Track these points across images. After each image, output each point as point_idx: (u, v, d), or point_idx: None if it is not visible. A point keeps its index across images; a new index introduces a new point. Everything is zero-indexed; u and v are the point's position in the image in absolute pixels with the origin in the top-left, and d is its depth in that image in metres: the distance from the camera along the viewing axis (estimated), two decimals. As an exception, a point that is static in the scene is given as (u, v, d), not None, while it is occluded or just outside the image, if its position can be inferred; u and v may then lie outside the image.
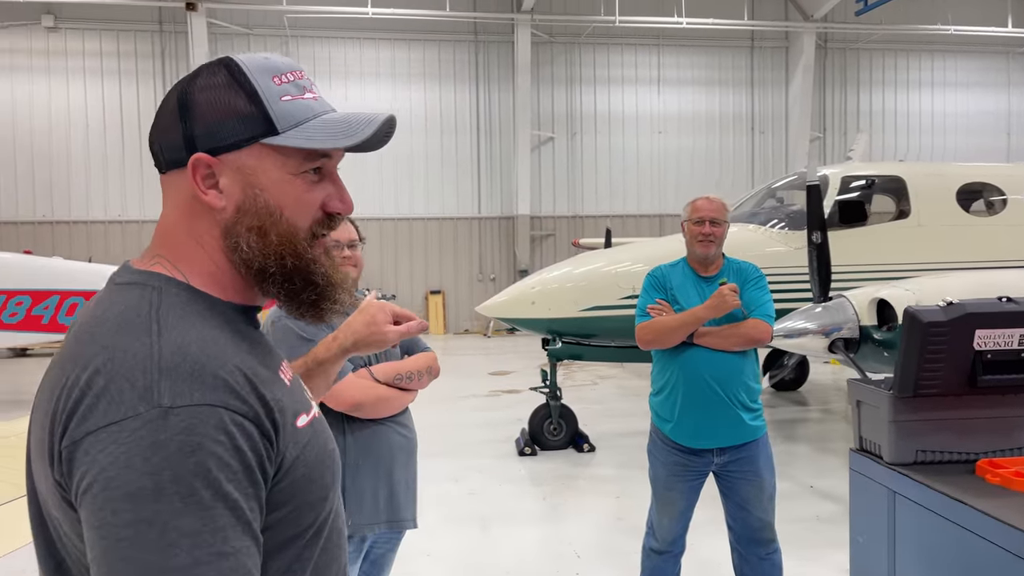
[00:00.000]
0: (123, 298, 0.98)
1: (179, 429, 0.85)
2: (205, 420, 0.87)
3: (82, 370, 0.90)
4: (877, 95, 19.40)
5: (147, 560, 0.82)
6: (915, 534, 2.22)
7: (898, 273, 6.71)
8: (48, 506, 0.94)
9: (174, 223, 1.03)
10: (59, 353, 0.98)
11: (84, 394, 0.88)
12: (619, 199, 18.25)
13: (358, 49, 17.25)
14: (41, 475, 0.94)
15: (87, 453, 0.85)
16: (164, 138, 1.02)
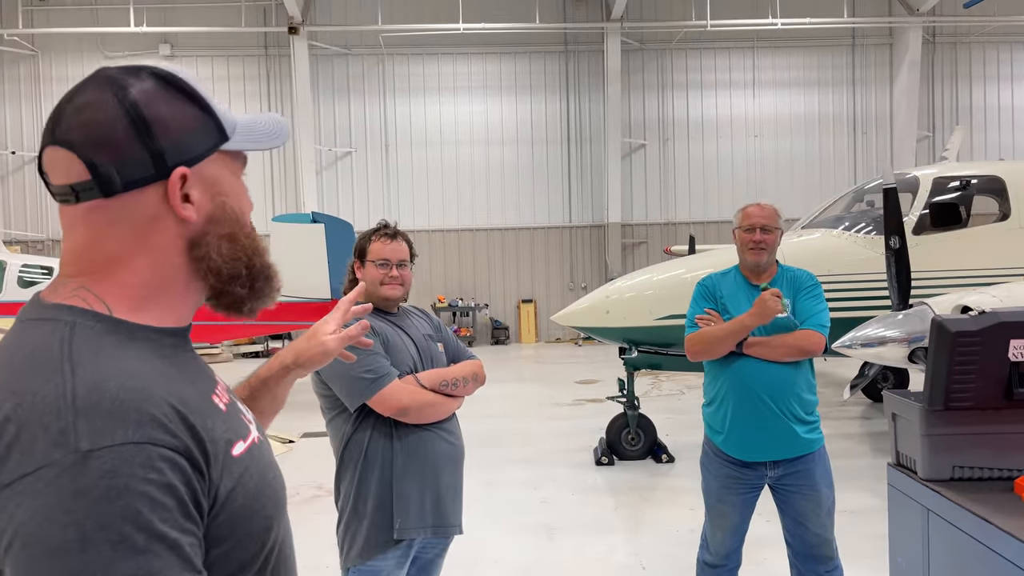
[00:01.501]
0: (31, 337, 0.92)
1: (101, 472, 0.80)
2: (130, 459, 0.82)
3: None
4: (992, 90, 18.28)
5: None
6: (947, 555, 2.13)
7: (998, 278, 6.35)
8: None
9: (117, 247, 0.96)
10: None
11: None
12: (714, 205, 17.91)
13: (451, 64, 17.66)
14: None
15: (3, 509, 0.80)
16: (119, 157, 0.94)
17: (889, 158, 17.91)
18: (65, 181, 0.95)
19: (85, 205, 0.96)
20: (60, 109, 0.97)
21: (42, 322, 0.93)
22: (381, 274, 2.91)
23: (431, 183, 17.67)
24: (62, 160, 0.95)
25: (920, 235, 6.77)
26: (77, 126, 0.94)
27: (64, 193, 0.96)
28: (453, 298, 17.49)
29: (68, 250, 0.99)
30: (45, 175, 0.98)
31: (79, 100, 0.96)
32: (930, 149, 17.89)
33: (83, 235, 0.97)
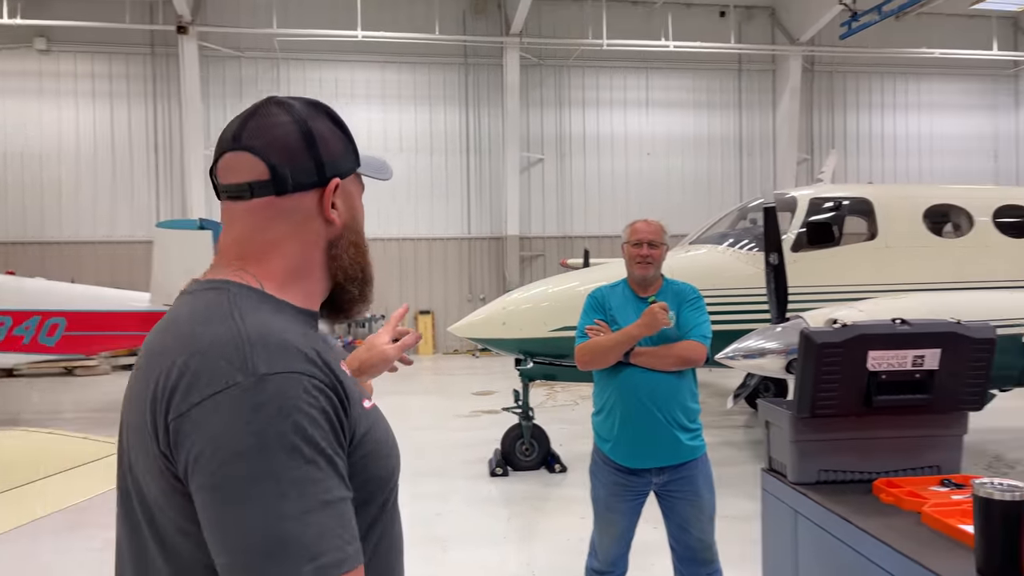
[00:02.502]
0: (201, 298, 1.12)
1: (275, 392, 0.97)
2: (296, 384, 0.99)
3: (178, 355, 1.02)
4: (864, 117, 19.54)
5: (261, 510, 0.92)
6: (814, 554, 2.26)
7: (866, 293, 6.76)
8: (147, 491, 1.04)
9: (275, 238, 1.16)
10: (144, 354, 1.10)
11: (183, 373, 0.99)
12: (608, 220, 18.33)
13: (349, 72, 17.43)
14: (140, 457, 1.04)
15: (195, 423, 0.96)
16: (295, 164, 1.16)
17: (772, 179, 18.84)
18: (245, 179, 1.15)
19: (256, 201, 1.15)
20: (241, 124, 1.17)
21: (209, 289, 1.12)
22: None
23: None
24: (245, 162, 1.15)
25: (798, 252, 7.15)
26: (260, 135, 1.15)
27: (240, 189, 1.15)
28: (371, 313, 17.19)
29: (231, 239, 1.18)
30: (216, 177, 1.19)
31: (261, 118, 1.17)
32: (808, 171, 18.93)
33: (247, 226, 1.17)
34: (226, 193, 1.17)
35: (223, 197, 1.18)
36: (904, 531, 1.96)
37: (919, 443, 2.34)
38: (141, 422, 1.03)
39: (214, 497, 0.94)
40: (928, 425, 2.34)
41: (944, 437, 2.36)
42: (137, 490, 1.06)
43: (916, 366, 2.26)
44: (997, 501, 1.59)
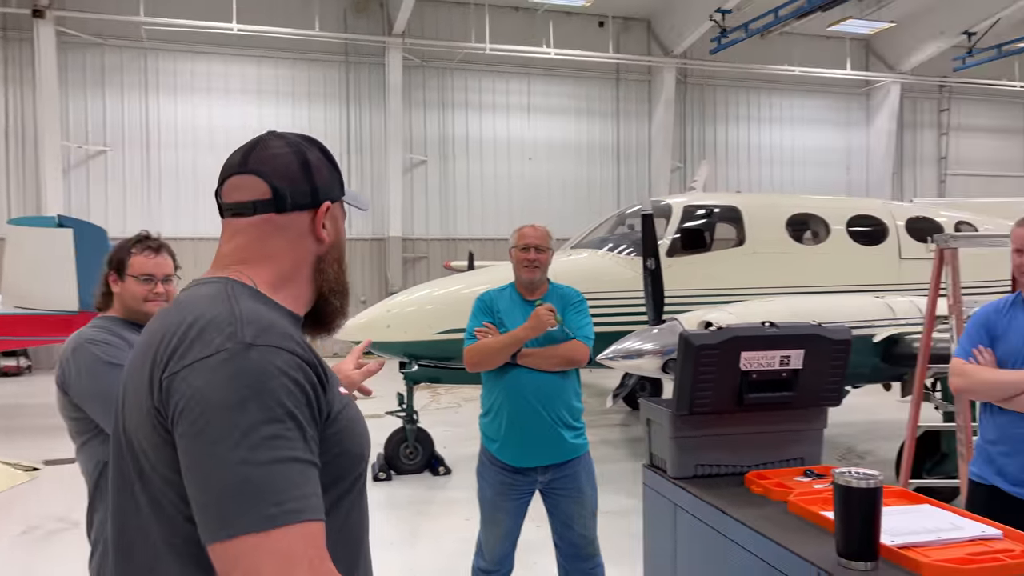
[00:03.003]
0: (202, 289, 1.29)
1: (258, 360, 1.11)
2: (277, 356, 1.13)
3: (178, 325, 1.17)
4: (732, 128, 20.59)
5: (234, 455, 1.04)
6: (691, 544, 2.38)
7: (735, 297, 7.14)
8: (138, 447, 1.17)
9: (272, 250, 1.34)
10: (147, 331, 1.27)
11: (182, 341, 1.15)
12: (492, 222, 18.48)
13: (223, 65, 16.76)
14: (134, 415, 1.18)
15: (184, 381, 1.11)
16: (294, 186, 1.35)
17: (647, 186, 19.55)
18: (249, 198, 1.34)
19: (258, 217, 1.34)
20: (247, 152, 1.37)
21: (209, 283, 1.30)
22: (145, 290, 2.72)
23: (200, 188, 16.58)
24: (250, 183, 1.34)
25: (672, 257, 7.46)
26: (265, 162, 1.35)
27: (244, 207, 1.34)
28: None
29: (231, 248, 1.35)
30: (221, 197, 1.37)
31: (263, 148, 1.37)
32: (681, 179, 19.76)
33: (248, 238, 1.34)
34: (231, 210, 1.35)
35: (227, 214, 1.36)
36: (773, 519, 2.10)
37: (785, 437, 2.51)
38: (139, 384, 1.18)
39: (194, 443, 1.07)
40: (793, 420, 2.52)
41: (807, 431, 2.55)
42: (130, 449, 1.20)
43: (783, 366, 2.43)
44: (855, 488, 1.73)
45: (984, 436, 3.08)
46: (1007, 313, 3.10)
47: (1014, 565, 1.69)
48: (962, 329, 4.23)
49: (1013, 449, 2.93)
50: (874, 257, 7.99)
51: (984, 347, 3.06)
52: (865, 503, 1.74)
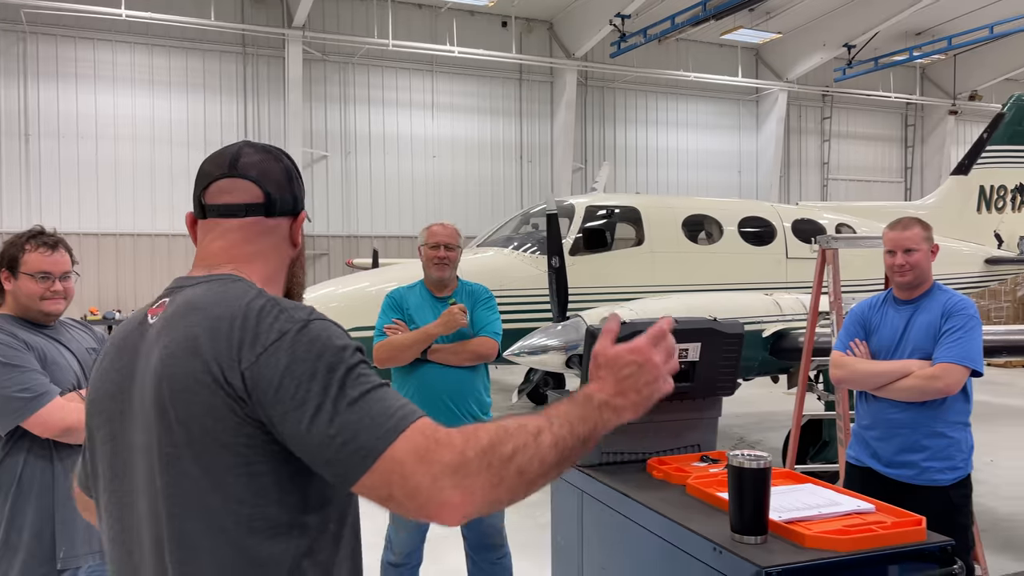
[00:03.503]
0: (216, 285, 1.37)
1: (319, 328, 1.26)
2: (328, 324, 1.28)
3: (222, 325, 1.27)
4: (631, 131, 21.16)
5: (342, 403, 1.20)
6: (596, 528, 2.50)
7: (635, 294, 7.39)
8: (195, 431, 1.25)
9: (259, 250, 1.45)
10: (169, 335, 1.32)
11: (243, 332, 1.25)
12: (394, 220, 18.37)
13: (110, 53, 15.98)
14: (186, 408, 1.25)
15: (267, 366, 1.22)
16: (282, 195, 1.47)
17: (550, 185, 19.86)
18: (242, 200, 1.45)
19: (248, 219, 1.45)
20: (233, 159, 1.46)
21: (218, 280, 1.39)
22: (42, 288, 2.63)
23: (83, 181, 15.77)
24: (243, 187, 1.45)
25: (575, 256, 7.65)
26: (255, 168, 1.46)
27: (235, 209, 1.44)
28: (109, 310, 15.79)
29: (220, 247, 1.45)
30: (205, 197, 1.46)
31: (249, 156, 1.47)
32: (583, 179, 20.19)
33: (237, 238, 1.45)
34: (219, 211, 1.45)
35: (212, 214, 1.45)
36: (672, 501, 2.24)
37: (683, 425, 2.67)
38: (191, 384, 1.25)
39: (303, 410, 1.19)
40: (690, 409, 2.68)
41: (703, 419, 2.71)
42: (172, 433, 1.27)
43: (681, 358, 2.58)
44: (747, 469, 1.88)
45: (860, 422, 3.35)
46: (880, 309, 3.38)
47: (884, 535, 1.87)
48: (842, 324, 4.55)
49: (886, 433, 3.20)
50: (763, 256, 8.42)
51: (860, 340, 3.32)
52: (756, 483, 1.88)
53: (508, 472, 1.17)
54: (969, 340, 3.06)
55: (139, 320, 1.42)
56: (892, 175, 25.16)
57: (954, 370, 3.03)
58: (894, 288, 3.35)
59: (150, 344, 1.34)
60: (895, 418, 3.17)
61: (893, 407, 3.18)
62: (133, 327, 1.42)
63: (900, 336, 3.24)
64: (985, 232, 10.99)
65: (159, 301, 1.42)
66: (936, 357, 3.09)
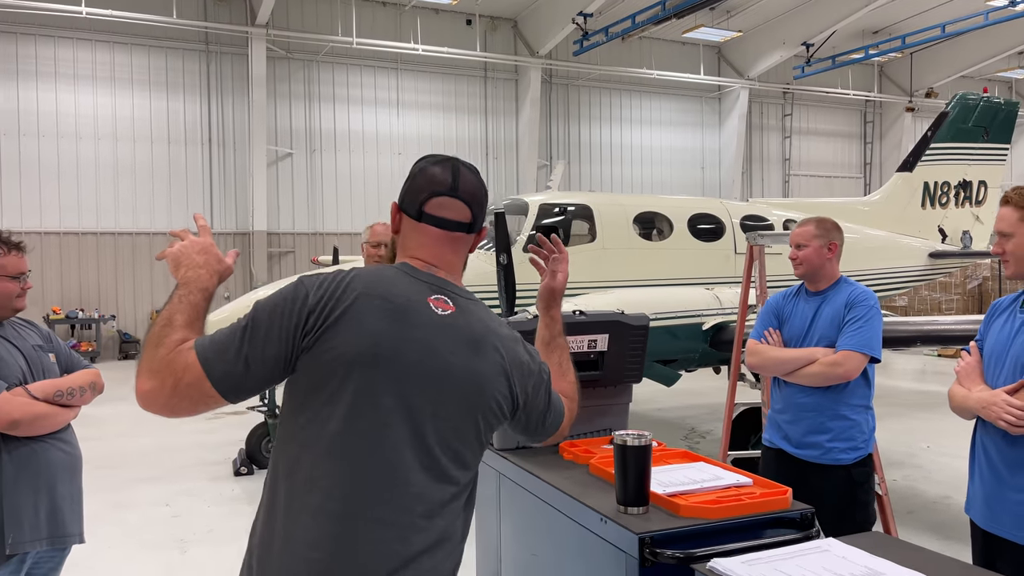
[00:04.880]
0: (481, 307, 1.86)
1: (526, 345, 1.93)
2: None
3: (514, 337, 1.87)
4: (596, 128, 21.42)
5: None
6: (510, 507, 2.69)
7: (587, 290, 7.60)
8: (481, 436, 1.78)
9: (459, 262, 1.85)
10: (491, 353, 1.77)
11: (526, 356, 1.87)
12: (359, 217, 18.41)
13: (70, 50, 15.89)
14: (486, 415, 1.75)
15: (527, 375, 1.87)
16: (480, 217, 1.83)
17: (515, 182, 20.06)
18: (454, 218, 1.79)
19: (458, 234, 1.81)
20: (453, 176, 1.81)
21: (478, 301, 1.87)
22: (17, 287, 2.79)
23: (44, 179, 15.67)
24: (458, 207, 1.80)
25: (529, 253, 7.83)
26: (469, 191, 1.80)
27: (445, 223, 1.79)
28: (72, 309, 15.72)
29: (436, 252, 1.80)
30: (424, 207, 1.79)
31: (466, 178, 1.82)
32: (548, 176, 20.40)
33: (451, 250, 1.82)
34: (435, 221, 1.79)
35: (427, 221, 1.79)
36: (575, 479, 2.44)
37: (595, 411, 2.86)
38: (496, 388, 1.74)
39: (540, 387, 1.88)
40: (601, 396, 2.87)
41: (613, 405, 2.91)
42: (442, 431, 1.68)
43: (591, 348, 2.78)
44: (629, 446, 2.08)
45: (773, 406, 3.58)
46: (792, 300, 3.62)
47: (750, 504, 2.08)
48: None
49: (795, 417, 3.44)
50: (713, 252, 8.67)
51: (773, 329, 3.56)
52: (637, 458, 2.08)
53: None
54: (869, 329, 3.30)
55: (417, 302, 1.70)
56: (852, 171, 25.70)
57: (854, 357, 3.27)
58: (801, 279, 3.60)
59: (457, 343, 1.70)
60: (803, 402, 3.40)
61: (801, 392, 3.42)
62: (411, 310, 1.68)
63: (809, 325, 3.48)
64: (930, 227, 11.37)
65: (437, 296, 1.73)
66: (838, 345, 3.33)
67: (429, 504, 1.64)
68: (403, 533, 1.60)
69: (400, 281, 1.71)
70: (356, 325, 1.62)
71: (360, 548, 1.58)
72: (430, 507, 1.64)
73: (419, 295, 1.70)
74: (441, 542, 1.65)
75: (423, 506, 1.63)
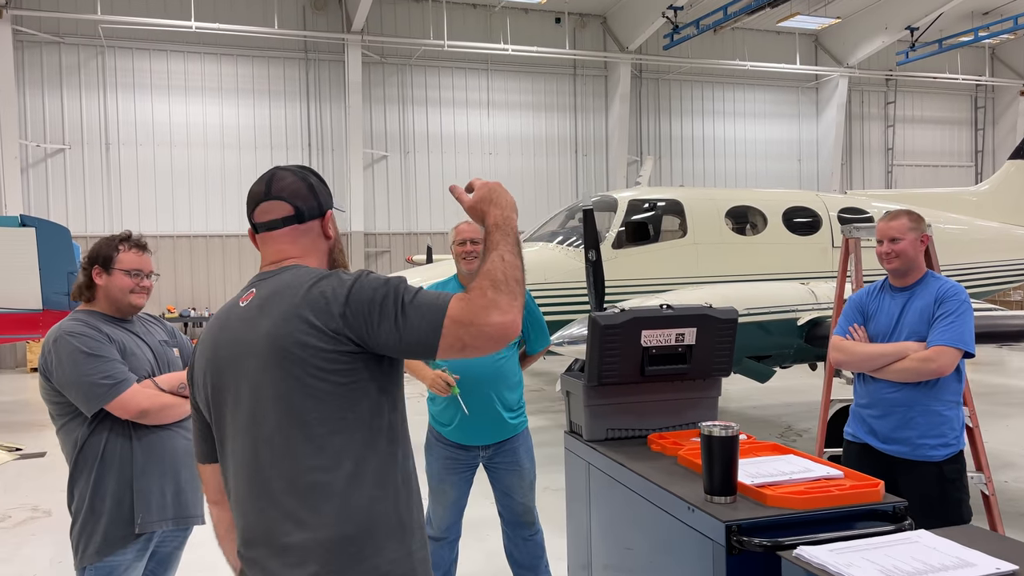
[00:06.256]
0: (290, 271, 1.85)
1: (375, 276, 1.75)
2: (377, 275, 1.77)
3: (314, 287, 1.74)
4: (687, 122, 21.10)
5: (409, 295, 1.69)
6: (601, 496, 2.76)
7: (678, 286, 7.57)
8: (307, 378, 1.70)
9: (301, 250, 1.91)
10: (261, 299, 1.81)
11: (331, 293, 1.71)
12: (452, 217, 18.72)
13: (182, 63, 16.82)
14: (290, 354, 1.71)
15: (355, 301, 1.70)
16: (306, 204, 1.92)
17: (605, 178, 20.00)
18: (279, 215, 1.90)
19: (287, 228, 1.90)
20: (267, 184, 1.92)
21: (293, 268, 1.86)
22: (133, 283, 3.02)
23: (159, 185, 16.67)
24: (276, 206, 1.90)
25: (619, 249, 7.86)
26: (284, 189, 1.92)
27: (273, 223, 1.90)
28: (185, 308, 16.66)
29: (274, 251, 1.91)
30: (254, 217, 1.92)
31: (279, 180, 1.93)
32: (638, 172, 20.24)
33: (283, 243, 1.91)
34: (265, 227, 1.91)
35: (262, 230, 1.91)
36: (663, 470, 2.48)
37: (683, 404, 2.90)
38: (289, 331, 1.72)
39: (399, 309, 1.68)
40: (689, 389, 2.91)
41: (702, 398, 2.94)
42: (291, 374, 1.73)
43: (678, 342, 2.81)
44: (715, 437, 2.12)
45: (858, 401, 3.53)
46: (877, 296, 3.55)
47: (840, 495, 2.08)
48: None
49: (884, 412, 3.37)
50: (809, 246, 8.47)
51: (858, 325, 3.50)
52: (724, 449, 2.12)
53: (511, 285, 1.66)
54: (961, 324, 3.21)
55: (231, 308, 1.87)
56: (962, 159, 24.41)
57: (947, 352, 3.19)
58: (889, 276, 3.51)
59: (251, 321, 1.78)
60: (891, 397, 3.33)
61: (889, 387, 3.35)
62: (227, 315, 1.87)
63: (896, 321, 3.40)
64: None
65: (247, 291, 1.87)
66: (930, 340, 3.24)
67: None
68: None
69: (235, 297, 1.93)
70: (198, 351, 1.94)
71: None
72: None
73: (237, 299, 1.90)
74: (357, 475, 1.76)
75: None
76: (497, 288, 1.65)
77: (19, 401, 11.89)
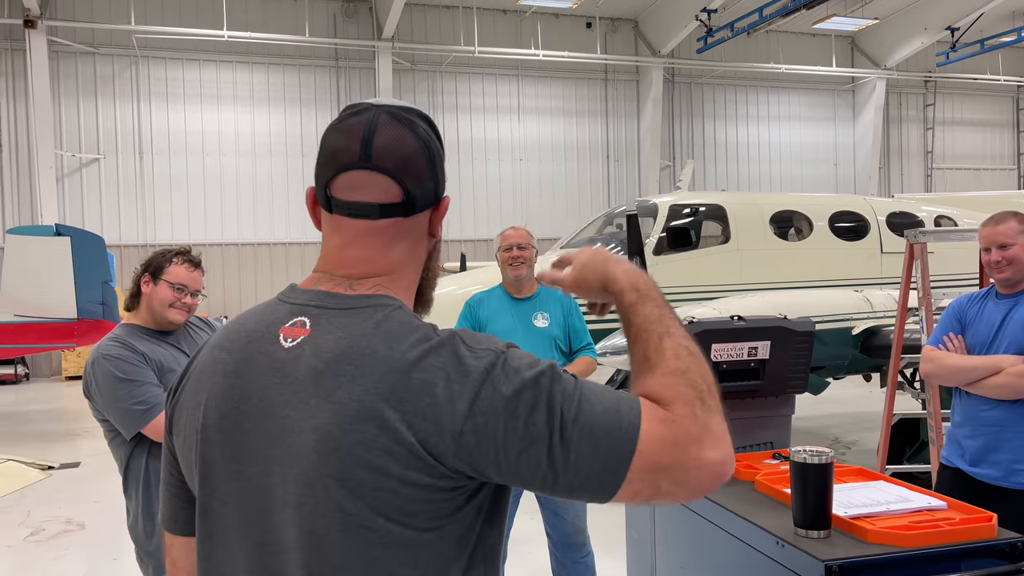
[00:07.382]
0: (386, 316, 1.11)
1: (514, 361, 1.05)
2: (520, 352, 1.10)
3: (425, 352, 1.06)
4: (720, 126, 20.79)
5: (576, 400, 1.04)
6: (668, 523, 2.55)
7: (721, 293, 7.33)
8: (373, 518, 1.03)
9: (399, 258, 1.19)
10: (341, 392, 1.05)
11: (443, 381, 1.03)
12: (484, 224, 18.63)
13: (214, 71, 16.89)
14: (361, 491, 1.03)
15: (483, 413, 1.01)
16: (423, 188, 1.17)
17: (637, 184, 19.74)
18: (377, 200, 1.15)
19: (383, 221, 1.16)
20: (364, 142, 1.14)
21: (382, 307, 1.13)
22: (174, 296, 2.91)
23: (192, 194, 16.73)
24: (379, 182, 1.15)
25: (660, 255, 7.63)
26: (391, 157, 1.14)
27: (367, 209, 1.15)
28: (216, 315, 16.67)
29: (356, 256, 1.18)
30: (332, 188, 1.16)
31: (387, 136, 1.15)
32: (671, 177, 19.96)
33: (372, 245, 1.17)
34: (348, 208, 1.16)
35: (341, 211, 1.17)
36: (740, 497, 2.27)
37: (755, 423, 2.69)
38: (360, 440, 1.03)
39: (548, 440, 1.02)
40: (762, 407, 2.69)
41: (775, 417, 2.73)
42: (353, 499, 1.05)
43: (751, 356, 2.60)
44: (809, 464, 1.91)
45: (953, 419, 3.25)
46: (979, 303, 3.26)
47: (950, 531, 1.87)
48: (931, 320, 4.41)
49: (974, 431, 3.10)
50: (856, 252, 8.18)
51: (955, 334, 3.22)
52: (818, 477, 1.91)
53: (716, 396, 1.11)
54: (1068, 336, 2.93)
55: (262, 341, 1.15)
56: (1004, 162, 23.80)
57: (1049, 367, 2.92)
58: (996, 284, 3.23)
59: (297, 390, 1.08)
60: (985, 415, 3.07)
61: (984, 404, 3.08)
62: (253, 353, 1.14)
63: (996, 331, 3.11)
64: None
65: (292, 315, 1.15)
66: (1030, 354, 2.97)
67: None
68: None
69: (260, 314, 1.20)
70: (193, 388, 1.20)
71: None
72: None
73: (272, 327, 1.16)
74: None
75: None
76: (705, 404, 1.07)
77: (54, 410, 11.93)
